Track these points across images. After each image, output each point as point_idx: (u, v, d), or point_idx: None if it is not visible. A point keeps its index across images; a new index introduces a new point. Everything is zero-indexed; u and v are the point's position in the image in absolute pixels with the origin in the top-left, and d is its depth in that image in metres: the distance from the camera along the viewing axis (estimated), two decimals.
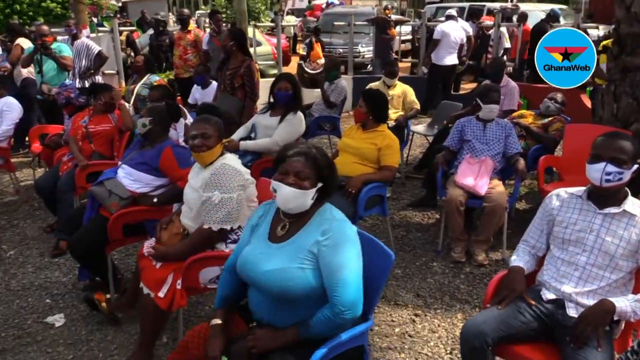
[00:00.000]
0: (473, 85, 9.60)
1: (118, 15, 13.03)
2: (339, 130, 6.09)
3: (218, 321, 1.98)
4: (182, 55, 7.19)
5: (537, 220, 2.35)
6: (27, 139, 6.44)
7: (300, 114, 4.16)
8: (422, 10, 10.70)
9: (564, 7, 14.56)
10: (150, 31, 11.69)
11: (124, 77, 7.87)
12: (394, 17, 11.21)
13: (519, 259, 2.32)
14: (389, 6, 10.63)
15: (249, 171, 2.70)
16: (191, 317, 3.12)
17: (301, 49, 12.69)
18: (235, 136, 4.16)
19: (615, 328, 2.07)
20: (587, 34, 8.25)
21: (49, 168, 4.85)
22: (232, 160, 2.67)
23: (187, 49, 7.19)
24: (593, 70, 4.88)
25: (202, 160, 2.65)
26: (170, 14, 17.18)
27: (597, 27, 9.29)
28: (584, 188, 2.24)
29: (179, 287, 2.47)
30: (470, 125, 3.99)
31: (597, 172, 2.07)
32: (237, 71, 4.61)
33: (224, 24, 7.30)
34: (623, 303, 1.96)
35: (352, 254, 1.86)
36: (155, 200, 3.16)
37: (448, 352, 2.82)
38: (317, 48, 10.58)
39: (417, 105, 5.73)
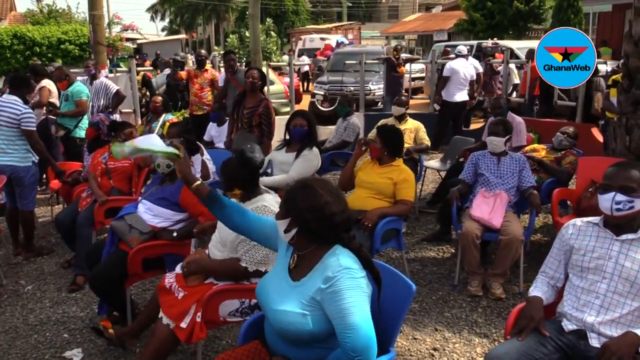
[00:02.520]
0: (483, 121, 9.68)
1: (138, 57, 13.39)
2: None
3: None
4: (198, 93, 7.37)
5: (554, 250, 2.36)
6: (44, 176, 6.58)
7: (315, 149, 4.24)
8: (433, 49, 10.90)
9: None
10: (167, 71, 12.08)
11: (140, 116, 8.07)
12: (404, 55, 11.44)
13: (537, 289, 2.32)
14: (399, 46, 10.82)
15: None
16: (208, 352, 3.11)
17: (313, 87, 12.92)
18: None
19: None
20: (597, 70, 8.37)
21: (68, 204, 4.94)
22: (271, 201, 2.71)
23: (203, 87, 7.38)
24: (603, 105, 4.94)
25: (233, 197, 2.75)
26: (189, 55, 17.66)
27: (605, 63, 9.42)
28: (599, 217, 2.25)
29: (198, 319, 2.48)
30: (484, 159, 4.03)
31: (607, 201, 2.10)
32: (255, 110, 4.72)
33: (237, 64, 7.48)
34: None
35: (357, 299, 1.78)
36: (175, 234, 3.21)
37: None
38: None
39: (428, 142, 5.75)
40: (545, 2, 21.05)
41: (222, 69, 8.01)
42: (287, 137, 4.41)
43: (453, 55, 9.11)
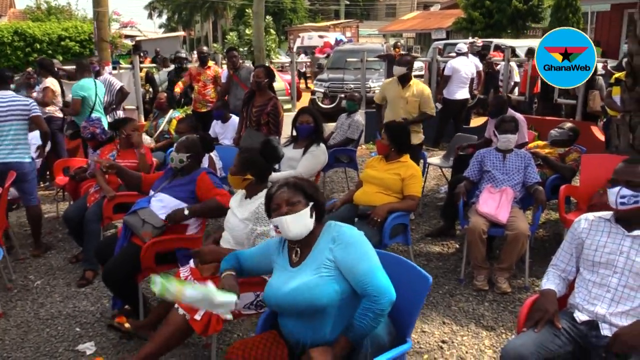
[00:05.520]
0: (483, 119, 9.73)
1: (142, 55, 13.37)
2: (356, 163, 6.21)
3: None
4: (201, 90, 7.39)
5: (566, 244, 2.41)
6: (47, 173, 6.59)
7: (322, 145, 4.29)
8: (435, 48, 10.94)
9: None
10: (168, 67, 12.08)
11: (143, 112, 8.08)
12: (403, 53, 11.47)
13: (550, 282, 2.36)
14: (399, 43, 10.86)
15: None
16: (220, 345, 3.14)
17: (313, 85, 12.95)
18: None
19: None
20: (596, 69, 8.43)
21: (74, 200, 4.96)
22: None
23: (207, 85, 7.40)
24: (605, 103, 4.97)
25: (238, 187, 2.79)
26: (193, 52, 17.69)
27: (605, 61, 9.51)
28: (610, 212, 2.30)
29: None
30: (490, 156, 4.08)
31: (613, 195, 2.17)
32: (264, 109, 4.75)
33: (240, 61, 7.51)
34: None
35: (365, 248, 2.01)
36: (186, 212, 3.21)
37: None
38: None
39: (433, 111, 5.20)
40: (544, 1, 21.15)
41: (225, 66, 8.04)
42: (294, 133, 4.45)
43: (454, 54, 9.15)
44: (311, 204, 2.11)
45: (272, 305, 2.17)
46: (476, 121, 9.97)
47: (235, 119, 5.97)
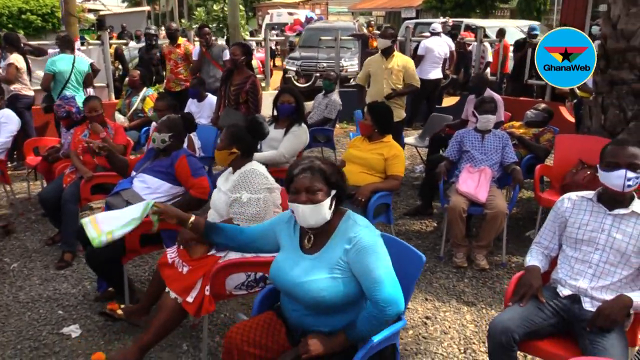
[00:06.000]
0: (455, 98, 9.87)
1: (108, 30, 12.93)
2: (333, 142, 6.24)
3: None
4: (173, 69, 7.23)
5: (549, 222, 2.50)
6: (14, 153, 6.38)
7: (304, 125, 4.29)
8: (409, 27, 10.96)
9: (537, 23, 15.10)
10: (133, 44, 11.74)
11: (114, 90, 7.87)
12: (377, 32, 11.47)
13: (534, 259, 2.46)
14: (372, 22, 10.85)
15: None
16: (208, 325, 3.15)
17: (285, 63, 12.82)
18: None
19: (627, 320, 2.21)
20: None
21: (47, 181, 4.83)
22: (259, 166, 2.83)
23: (178, 63, 7.22)
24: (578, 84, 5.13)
25: (224, 162, 2.84)
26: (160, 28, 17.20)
27: None
28: (593, 192, 2.40)
29: (207, 293, 2.53)
30: (469, 136, 4.16)
31: (619, 178, 2.22)
32: (242, 87, 4.71)
33: (213, 38, 7.36)
34: (639, 297, 2.11)
35: (381, 254, 1.94)
36: None
37: (462, 351, 2.94)
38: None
39: (417, 83, 5.31)
40: None
41: (197, 43, 7.87)
42: (275, 113, 4.43)
43: (428, 34, 9.20)
44: (333, 192, 1.99)
45: (277, 285, 2.13)
46: (448, 101, 10.11)
47: (211, 98, 5.89)
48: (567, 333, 2.26)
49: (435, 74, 8.44)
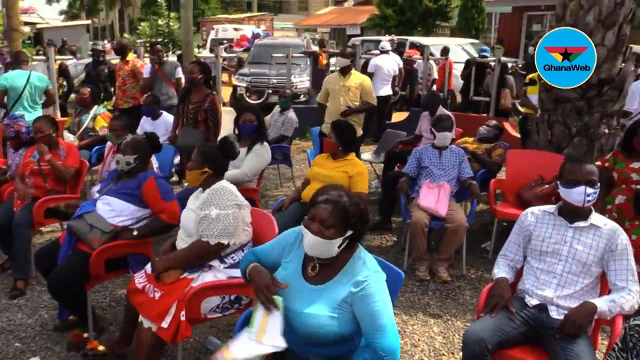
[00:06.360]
0: (404, 114, 10.15)
1: (49, 44, 12.45)
2: (290, 160, 6.28)
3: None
4: (121, 86, 7.07)
5: (514, 236, 2.64)
6: None
7: (266, 144, 4.31)
8: (357, 44, 11.20)
9: (476, 41, 15.82)
10: (73, 60, 11.36)
11: (59, 108, 7.58)
12: (331, 50, 11.73)
13: (501, 271, 2.58)
14: (325, 42, 11.05)
15: None
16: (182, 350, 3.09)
17: (233, 79, 12.77)
18: None
19: (589, 325, 2.36)
20: (507, 67, 9.09)
21: None
22: (229, 184, 2.85)
23: (126, 80, 7.07)
24: (522, 101, 5.41)
25: (195, 182, 2.85)
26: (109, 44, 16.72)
27: (515, 62, 10.35)
28: (554, 206, 2.55)
29: (183, 318, 2.48)
30: (427, 152, 4.31)
31: (579, 194, 2.38)
32: (201, 105, 4.66)
33: (165, 55, 7.26)
34: (602, 304, 2.26)
35: (386, 302, 1.92)
36: (135, 233, 3.14)
37: None
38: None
39: (374, 101, 5.45)
40: (452, 1, 22.29)
41: (147, 60, 7.74)
42: (236, 132, 4.42)
43: (377, 52, 9.45)
44: (349, 233, 1.93)
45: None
46: (397, 116, 10.37)
47: (166, 116, 5.80)
48: (536, 341, 2.38)
49: (385, 90, 8.66)
